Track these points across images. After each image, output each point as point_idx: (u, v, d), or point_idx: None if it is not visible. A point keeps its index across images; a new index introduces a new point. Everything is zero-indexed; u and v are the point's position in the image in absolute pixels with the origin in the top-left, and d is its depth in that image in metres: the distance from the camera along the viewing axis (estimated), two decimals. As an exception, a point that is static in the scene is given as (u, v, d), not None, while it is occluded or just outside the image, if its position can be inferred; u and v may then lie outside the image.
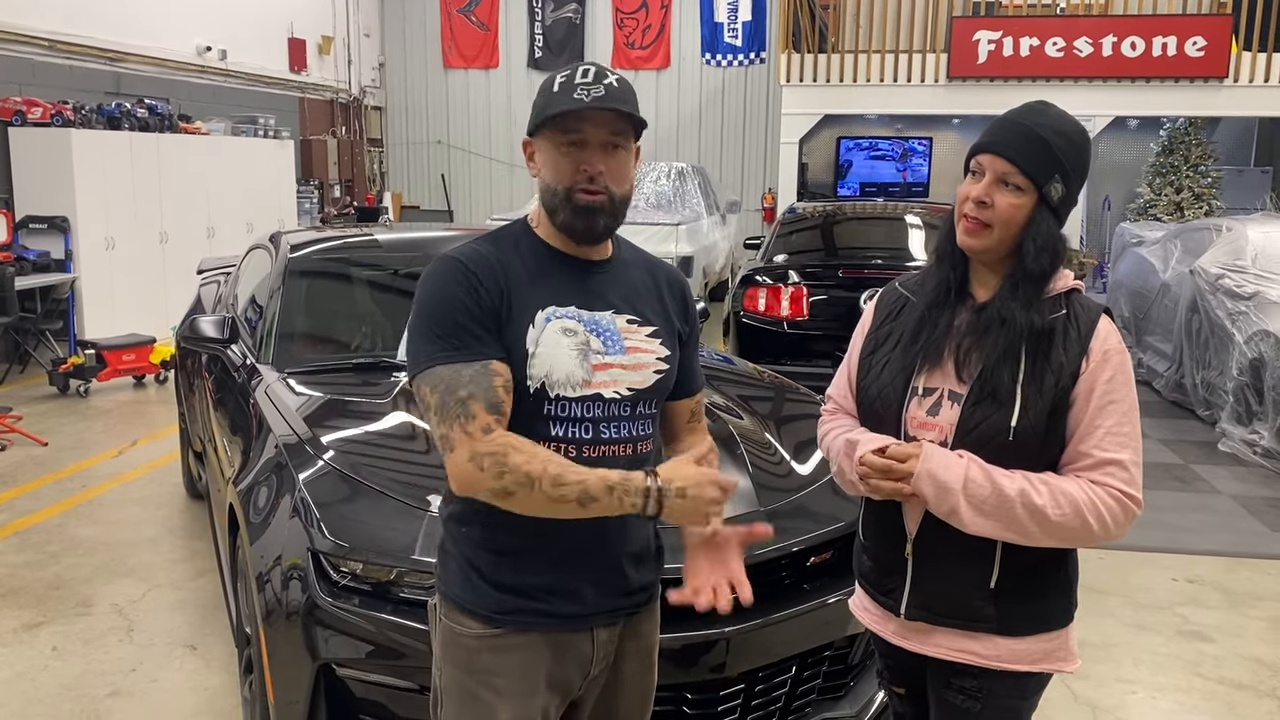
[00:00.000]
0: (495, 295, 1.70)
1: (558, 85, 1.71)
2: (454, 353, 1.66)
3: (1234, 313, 6.73)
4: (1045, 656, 1.84)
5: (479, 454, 1.60)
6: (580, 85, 1.69)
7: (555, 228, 1.77)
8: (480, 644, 1.76)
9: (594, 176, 1.70)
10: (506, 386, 1.67)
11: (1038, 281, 1.77)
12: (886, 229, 7.88)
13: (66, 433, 6.76)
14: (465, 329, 1.67)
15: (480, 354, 1.66)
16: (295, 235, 4.51)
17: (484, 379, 1.65)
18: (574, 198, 1.71)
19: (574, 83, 1.70)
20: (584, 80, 1.69)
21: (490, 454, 1.60)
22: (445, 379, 1.64)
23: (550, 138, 1.72)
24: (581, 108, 1.67)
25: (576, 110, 1.67)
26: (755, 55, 15.09)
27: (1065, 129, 1.76)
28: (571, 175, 1.71)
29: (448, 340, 1.66)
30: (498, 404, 1.64)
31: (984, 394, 1.76)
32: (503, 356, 1.69)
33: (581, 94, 1.68)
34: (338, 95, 15.11)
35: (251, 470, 3.03)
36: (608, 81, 1.70)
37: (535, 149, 1.77)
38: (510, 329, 1.70)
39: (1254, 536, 5.08)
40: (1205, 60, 11.25)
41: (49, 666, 3.66)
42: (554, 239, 1.79)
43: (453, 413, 1.62)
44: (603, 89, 1.69)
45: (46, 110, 8.86)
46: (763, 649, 2.60)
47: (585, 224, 1.73)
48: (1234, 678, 3.69)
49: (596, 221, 1.73)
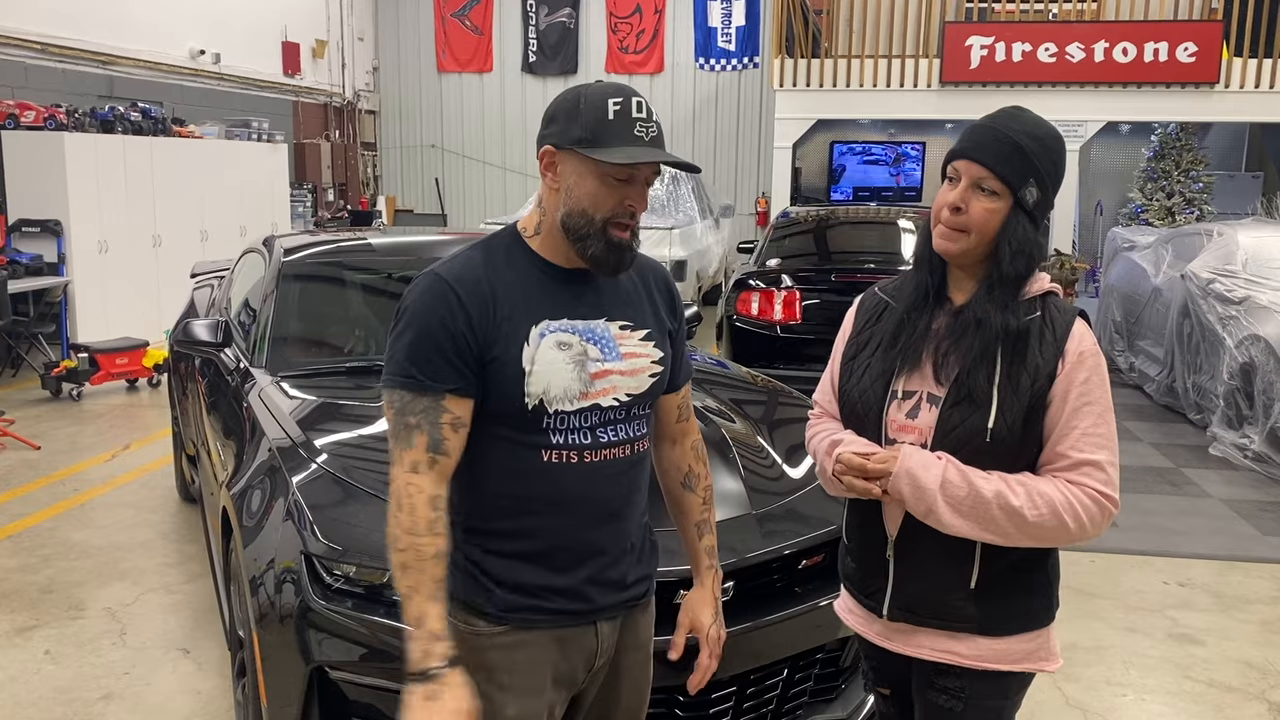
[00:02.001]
0: (480, 325, 1.70)
1: (613, 113, 1.67)
2: (417, 380, 1.69)
3: (1224, 317, 6.77)
4: (1027, 656, 1.85)
5: (393, 488, 1.69)
6: (639, 122, 1.68)
7: (580, 255, 1.74)
8: (486, 642, 1.78)
9: (635, 212, 1.72)
10: (454, 423, 1.70)
11: (1013, 285, 1.79)
12: (879, 233, 7.91)
13: (59, 436, 6.75)
14: (435, 358, 1.69)
15: (441, 387, 1.69)
16: (289, 239, 4.52)
17: (434, 414, 1.68)
18: (610, 232, 1.71)
19: (631, 116, 1.68)
20: (640, 116, 1.68)
21: (395, 494, 1.68)
22: (402, 402, 1.70)
23: (593, 164, 1.68)
24: (653, 160, 1.67)
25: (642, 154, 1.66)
26: (749, 60, 15.16)
27: (1039, 133, 1.78)
28: (614, 209, 1.70)
29: (416, 365, 1.69)
30: (439, 441, 1.68)
31: (961, 396, 1.77)
32: (465, 388, 1.70)
33: (641, 132, 1.67)
34: (332, 99, 15.12)
35: (245, 474, 3.04)
36: (655, 119, 1.71)
37: (564, 163, 1.71)
38: (503, 350, 1.71)
39: (1244, 540, 5.11)
40: (1196, 66, 11.31)
41: (42, 670, 3.66)
42: (547, 251, 1.78)
43: (399, 435, 1.70)
44: (656, 128, 1.70)
45: (40, 114, 8.85)
46: (754, 651, 2.61)
47: (617, 259, 1.73)
48: (1224, 680, 3.71)
49: (625, 257, 1.74)
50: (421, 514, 1.65)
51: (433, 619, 1.63)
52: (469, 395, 1.71)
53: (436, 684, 1.60)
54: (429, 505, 1.66)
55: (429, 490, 1.66)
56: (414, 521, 1.65)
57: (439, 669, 1.61)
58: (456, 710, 1.60)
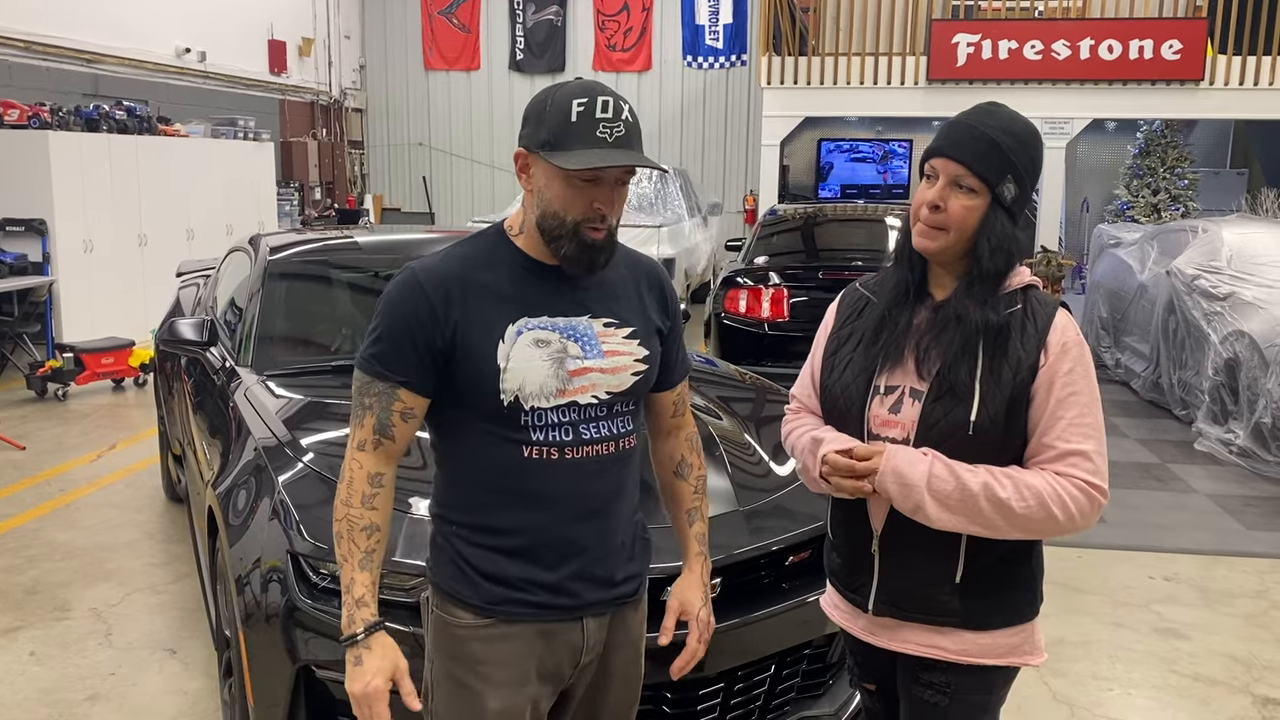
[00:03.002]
0: (447, 321, 1.72)
1: (576, 114, 1.65)
2: (380, 366, 1.75)
3: (1209, 313, 6.81)
4: (1012, 650, 1.86)
5: (347, 458, 1.78)
6: (602, 122, 1.65)
7: (554, 255, 1.75)
8: (470, 634, 1.79)
9: (605, 215, 1.71)
10: (404, 413, 1.75)
11: (993, 280, 1.79)
12: (866, 231, 7.93)
13: (44, 437, 6.72)
14: (397, 349, 1.73)
15: (396, 378, 1.74)
16: (275, 238, 4.50)
17: (387, 400, 1.75)
18: (582, 233, 1.71)
19: (595, 117, 1.65)
20: (604, 116, 1.65)
21: (343, 468, 1.78)
22: (361, 383, 1.78)
23: (562, 168, 1.66)
24: (611, 166, 1.65)
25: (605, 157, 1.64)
26: (736, 58, 15.17)
27: (1015, 129, 1.79)
28: (584, 211, 1.70)
29: (379, 352, 1.75)
30: (387, 426, 1.75)
31: (943, 390, 1.78)
32: (420, 384, 1.75)
33: (605, 133, 1.65)
34: (318, 97, 15.07)
35: (231, 473, 3.03)
36: (625, 117, 1.68)
37: (534, 166, 1.72)
38: (476, 347, 1.72)
39: (1230, 535, 5.13)
40: (1181, 63, 11.37)
41: (26, 671, 3.64)
42: (533, 249, 1.78)
43: (354, 414, 1.79)
44: (623, 127, 1.67)
45: (24, 112, 8.80)
46: (742, 648, 2.61)
47: (589, 259, 1.74)
48: (1209, 674, 3.73)
49: (599, 258, 1.75)
50: (358, 488, 1.75)
51: (359, 586, 1.73)
52: (423, 392, 1.76)
53: (360, 648, 1.71)
54: (367, 481, 1.75)
55: (369, 467, 1.75)
56: (350, 494, 1.75)
57: (361, 635, 1.71)
58: (377, 669, 1.70)
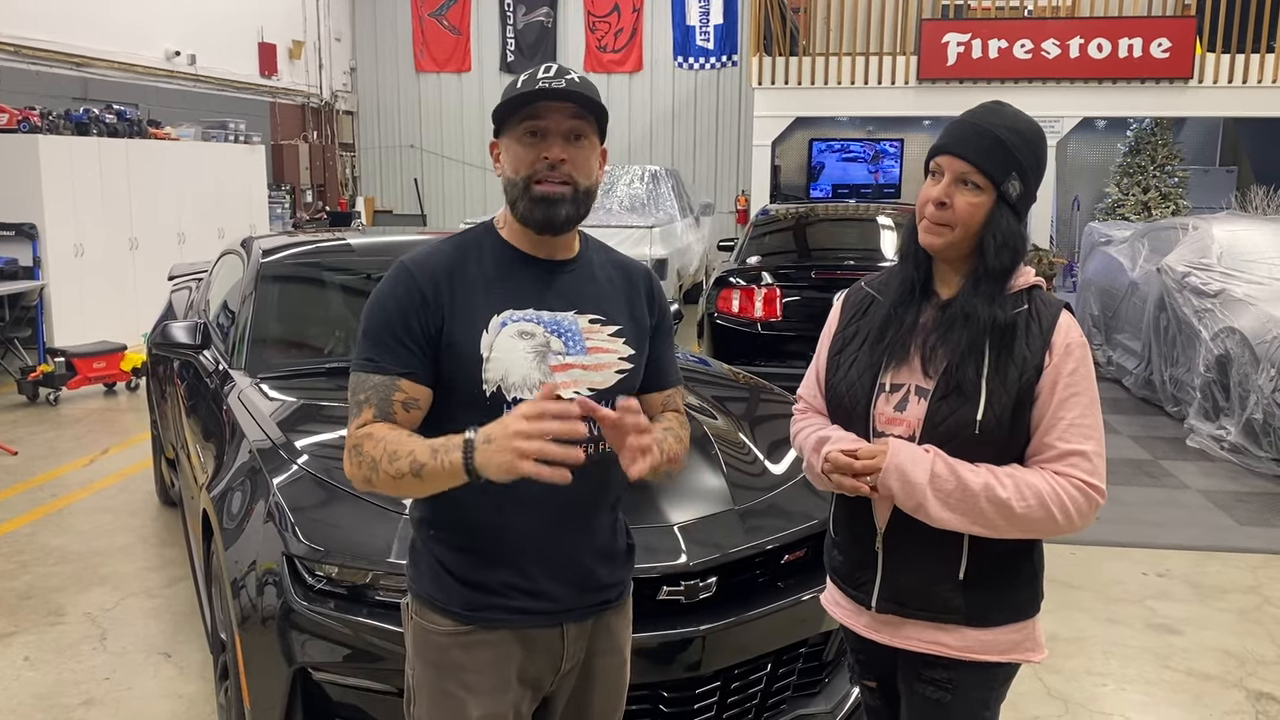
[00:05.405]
0: (436, 309, 1.72)
1: (520, 81, 1.74)
2: (373, 361, 1.71)
3: (1200, 310, 6.83)
4: (1013, 647, 1.87)
5: (348, 447, 1.69)
6: (542, 79, 1.71)
7: (517, 220, 1.76)
8: (450, 641, 1.78)
9: (555, 164, 1.70)
10: (406, 403, 1.70)
11: (999, 278, 1.80)
12: (858, 230, 7.95)
13: (37, 441, 6.70)
14: (390, 342, 1.71)
15: (394, 368, 1.70)
16: (267, 240, 4.49)
17: (385, 389, 1.70)
18: (533, 188, 1.71)
19: (536, 76, 1.72)
20: (546, 75, 1.71)
21: (354, 445, 1.68)
22: (356, 383, 1.73)
23: (513, 133, 1.73)
24: (542, 89, 1.68)
25: (536, 94, 1.68)
26: (727, 58, 15.18)
27: (1020, 127, 1.80)
28: (531, 164, 1.71)
29: (373, 349, 1.72)
30: (389, 413, 1.69)
31: (950, 389, 1.79)
32: (418, 373, 1.71)
33: (544, 83, 1.70)
34: (309, 100, 15.04)
35: (225, 476, 3.02)
36: (569, 76, 1.72)
37: (501, 148, 1.78)
38: (460, 336, 1.72)
39: (1222, 530, 5.15)
40: (1170, 62, 11.41)
41: (21, 676, 3.63)
42: (518, 240, 1.79)
43: (351, 414, 1.72)
44: (564, 82, 1.71)
45: (13, 116, 8.76)
46: (738, 647, 2.61)
47: (545, 214, 1.72)
48: (1202, 669, 3.75)
49: (558, 211, 1.72)
50: (386, 431, 1.65)
51: (435, 441, 1.59)
52: (422, 381, 1.72)
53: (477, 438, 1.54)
54: (388, 428, 1.66)
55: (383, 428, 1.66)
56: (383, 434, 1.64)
57: (469, 435, 1.55)
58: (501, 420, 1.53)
